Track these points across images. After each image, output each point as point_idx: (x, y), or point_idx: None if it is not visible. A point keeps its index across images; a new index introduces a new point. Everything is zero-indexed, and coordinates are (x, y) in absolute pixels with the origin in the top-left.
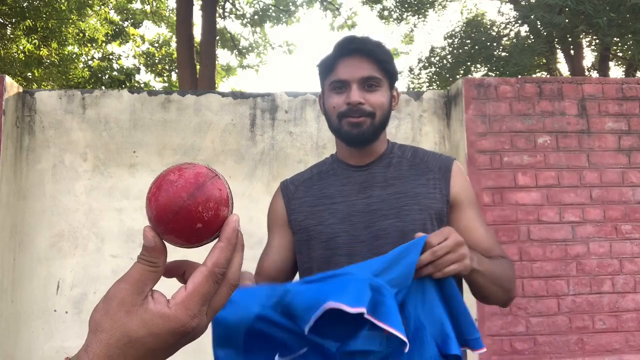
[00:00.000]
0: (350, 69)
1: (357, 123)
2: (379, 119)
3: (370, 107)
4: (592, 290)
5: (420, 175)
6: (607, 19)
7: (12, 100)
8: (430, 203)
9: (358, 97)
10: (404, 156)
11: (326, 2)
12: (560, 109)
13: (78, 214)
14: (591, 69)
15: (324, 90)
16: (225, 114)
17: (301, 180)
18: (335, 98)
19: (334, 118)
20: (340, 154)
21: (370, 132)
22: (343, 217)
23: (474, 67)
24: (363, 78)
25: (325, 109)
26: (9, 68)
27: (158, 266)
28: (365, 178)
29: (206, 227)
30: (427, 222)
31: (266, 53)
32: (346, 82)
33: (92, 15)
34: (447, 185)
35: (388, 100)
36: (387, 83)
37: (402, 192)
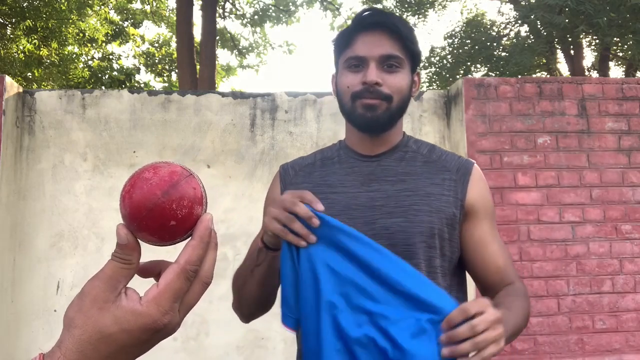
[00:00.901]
0: (370, 45)
1: (372, 105)
2: (396, 104)
3: (388, 90)
4: (592, 290)
5: (435, 174)
6: (607, 19)
7: (12, 100)
8: (442, 206)
9: (375, 76)
10: (419, 151)
11: (326, 2)
12: (560, 109)
13: (78, 214)
14: (591, 69)
15: (338, 68)
16: (225, 114)
17: (302, 165)
18: (350, 77)
19: (347, 99)
20: (349, 140)
21: (385, 118)
22: (341, 209)
23: (474, 67)
24: (383, 56)
25: (337, 89)
26: (9, 68)
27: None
28: (373, 170)
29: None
30: (435, 226)
31: (266, 53)
32: (364, 59)
33: (92, 15)
34: (463, 190)
35: (408, 84)
36: (408, 65)
37: (412, 190)
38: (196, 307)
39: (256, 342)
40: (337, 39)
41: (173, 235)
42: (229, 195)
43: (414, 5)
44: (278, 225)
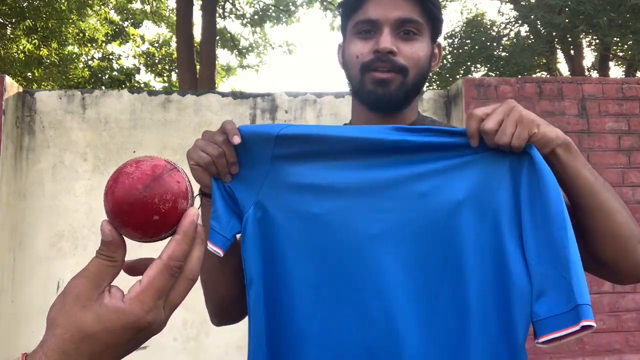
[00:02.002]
0: (384, 6)
1: (384, 80)
2: (412, 78)
3: (403, 60)
4: (592, 290)
5: None
6: (607, 19)
7: (12, 100)
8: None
9: (390, 43)
10: None
11: (326, 2)
12: (560, 109)
13: (78, 214)
14: (591, 69)
15: (346, 35)
16: (225, 114)
17: None
18: (360, 44)
19: (355, 71)
20: (356, 121)
21: (400, 94)
22: None
23: (474, 67)
24: (399, 20)
25: (344, 60)
26: (9, 68)
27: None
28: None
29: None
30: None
31: (266, 53)
32: (376, 23)
33: (92, 15)
34: None
35: (427, 55)
36: (428, 32)
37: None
38: (196, 307)
39: None
40: (345, 1)
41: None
42: None
43: None
44: (202, 154)
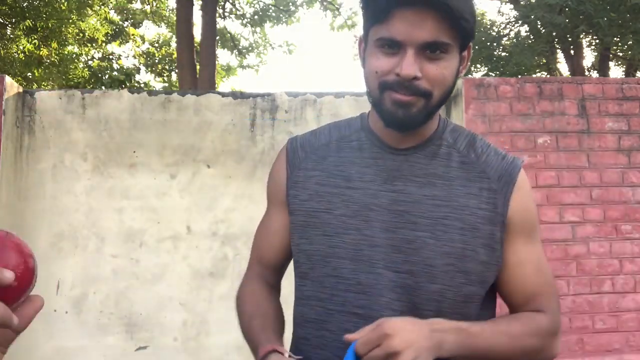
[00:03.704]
0: (410, 26)
1: (406, 103)
2: (436, 100)
3: (427, 84)
4: (592, 290)
5: (472, 182)
6: (607, 19)
7: (12, 100)
8: (477, 222)
9: (413, 70)
10: (456, 146)
11: (326, 2)
12: (560, 109)
13: (78, 214)
14: (591, 69)
15: (367, 41)
16: (225, 114)
17: (315, 146)
18: (382, 60)
19: (374, 86)
20: (374, 124)
21: (421, 117)
22: (357, 209)
23: (474, 67)
24: (426, 43)
25: (364, 67)
26: (9, 68)
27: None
28: (399, 165)
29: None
30: (468, 247)
31: (266, 53)
32: (400, 44)
33: (92, 15)
34: (505, 203)
35: (454, 71)
36: (457, 46)
37: (444, 199)
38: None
39: None
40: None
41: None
42: (229, 195)
43: None
44: None
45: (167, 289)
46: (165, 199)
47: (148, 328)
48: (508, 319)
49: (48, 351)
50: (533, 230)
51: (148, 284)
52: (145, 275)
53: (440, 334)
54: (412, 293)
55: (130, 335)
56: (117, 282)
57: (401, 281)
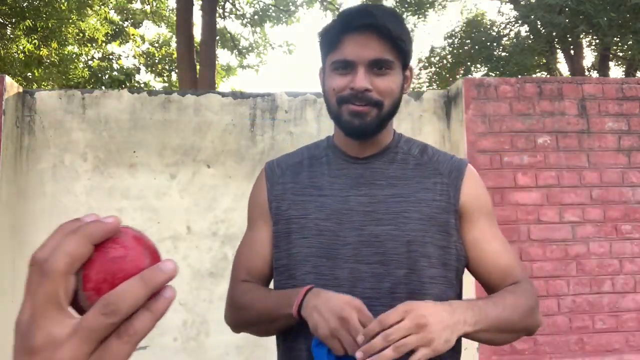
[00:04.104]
0: (357, 48)
1: (361, 112)
2: (387, 109)
3: (378, 95)
4: (592, 290)
5: (427, 178)
6: (607, 19)
7: (12, 100)
8: (433, 212)
9: (364, 82)
10: (411, 152)
11: (326, 2)
12: (560, 109)
13: (78, 214)
14: (591, 69)
15: (325, 68)
16: (225, 114)
17: (289, 164)
18: (338, 79)
19: (333, 101)
20: (338, 139)
21: (375, 125)
22: (330, 213)
23: (474, 67)
24: (373, 60)
25: (324, 89)
26: (9, 68)
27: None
28: (362, 173)
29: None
30: (427, 234)
31: (266, 53)
32: (352, 63)
33: (92, 15)
34: (456, 193)
35: (399, 85)
36: (400, 65)
37: (403, 196)
38: (196, 307)
39: (256, 342)
40: (323, 36)
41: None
42: (229, 195)
43: (414, 5)
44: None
45: None
46: (165, 199)
47: None
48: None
49: None
50: (490, 214)
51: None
52: None
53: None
54: (383, 280)
55: None
56: None
57: (372, 271)
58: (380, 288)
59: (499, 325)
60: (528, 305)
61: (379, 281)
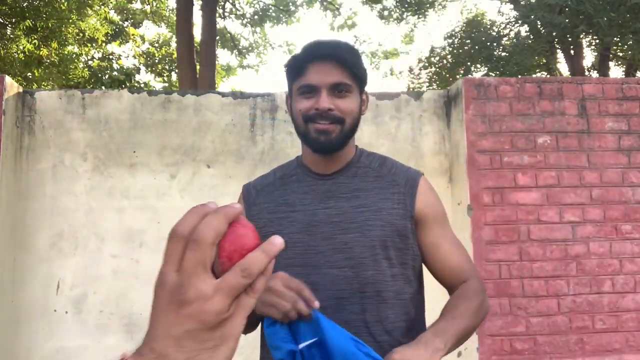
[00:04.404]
0: (320, 74)
1: (326, 130)
2: (348, 126)
3: (340, 113)
4: (592, 290)
5: (386, 189)
6: (607, 19)
7: (12, 100)
8: (393, 219)
9: (327, 103)
10: (371, 166)
11: (326, 2)
12: (560, 109)
13: (78, 214)
14: (591, 69)
15: (292, 94)
16: (225, 114)
17: (263, 185)
18: (304, 102)
19: (300, 121)
20: (306, 159)
21: (339, 140)
22: (302, 226)
23: (474, 67)
24: (333, 84)
25: (292, 113)
26: (9, 68)
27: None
28: (328, 187)
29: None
30: (388, 239)
31: (266, 53)
32: (315, 87)
33: (92, 15)
34: (412, 201)
35: (358, 106)
36: (357, 88)
37: (366, 206)
38: None
39: (256, 342)
40: (290, 66)
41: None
42: (229, 196)
43: (414, 5)
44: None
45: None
46: (165, 199)
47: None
48: (453, 302)
49: (48, 351)
50: (443, 219)
51: (148, 284)
52: (145, 275)
53: (431, 344)
54: (353, 281)
55: (130, 335)
56: (117, 282)
57: (343, 274)
58: (351, 289)
59: (461, 335)
60: (477, 303)
61: (349, 283)
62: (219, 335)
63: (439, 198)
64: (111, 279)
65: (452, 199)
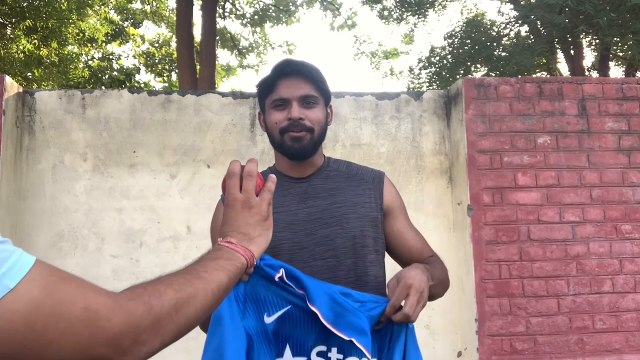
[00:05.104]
0: (290, 88)
1: (298, 137)
2: (317, 134)
3: (310, 123)
4: (592, 290)
5: (356, 186)
6: (607, 19)
7: (12, 100)
8: (367, 211)
9: (298, 113)
10: (340, 169)
11: (326, 2)
12: (560, 109)
13: (78, 214)
14: (591, 69)
15: (265, 108)
16: (225, 114)
17: None
18: (277, 114)
19: (277, 133)
20: (280, 167)
21: (310, 146)
22: (285, 225)
23: (474, 67)
24: (302, 96)
25: (266, 126)
26: (9, 68)
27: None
28: (305, 189)
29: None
30: (364, 229)
31: (266, 53)
32: (287, 100)
33: (92, 15)
34: (380, 195)
35: (324, 116)
36: (322, 101)
37: (342, 202)
38: None
39: None
40: (262, 84)
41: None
42: None
43: (414, 5)
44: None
45: None
46: (165, 199)
47: None
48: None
49: None
50: (405, 211)
51: None
52: (145, 275)
53: (426, 271)
54: (336, 270)
55: None
56: (117, 282)
57: (327, 264)
58: (336, 277)
59: (438, 281)
60: (445, 269)
61: (333, 271)
62: (268, 223)
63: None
64: (111, 279)
65: (452, 199)
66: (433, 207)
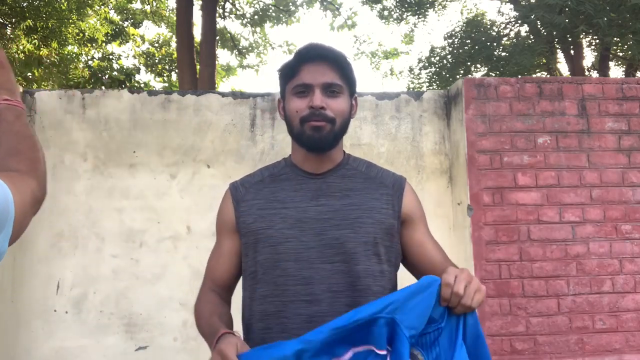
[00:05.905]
0: (314, 74)
1: (319, 127)
2: (339, 126)
3: (332, 113)
4: (592, 290)
5: (374, 190)
6: (607, 19)
7: None
8: (382, 218)
9: (320, 101)
10: (359, 169)
11: (326, 2)
12: (560, 109)
13: (78, 214)
14: (591, 69)
15: (285, 95)
16: (225, 114)
17: (252, 183)
18: (298, 102)
19: (296, 122)
20: (296, 158)
21: (330, 138)
22: (293, 222)
23: (474, 67)
24: (326, 84)
25: (286, 113)
26: None
27: None
28: (319, 186)
29: None
30: (378, 236)
31: (266, 53)
32: (309, 86)
33: (92, 15)
34: (399, 202)
35: (348, 107)
36: (347, 91)
37: (357, 205)
38: None
39: None
40: (284, 68)
41: None
42: None
43: (414, 5)
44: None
45: (167, 289)
46: (165, 199)
47: (148, 328)
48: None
49: (48, 351)
50: (425, 221)
51: (148, 284)
52: (145, 275)
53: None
54: (346, 275)
55: (130, 335)
56: (117, 282)
57: (336, 268)
58: (345, 282)
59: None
60: None
61: (342, 277)
62: None
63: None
64: (111, 279)
65: (452, 199)
66: (433, 207)
